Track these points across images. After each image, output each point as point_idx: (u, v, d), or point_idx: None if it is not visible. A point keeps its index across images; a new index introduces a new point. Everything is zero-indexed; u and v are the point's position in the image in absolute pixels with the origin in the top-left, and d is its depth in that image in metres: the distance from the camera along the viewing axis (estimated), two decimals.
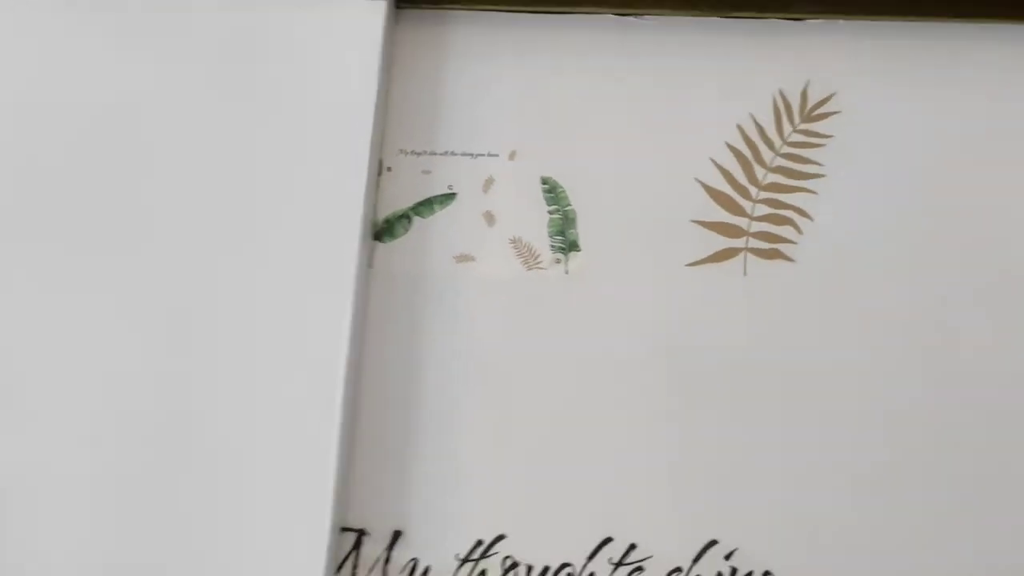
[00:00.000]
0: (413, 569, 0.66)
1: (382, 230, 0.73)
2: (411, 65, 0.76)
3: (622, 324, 0.69)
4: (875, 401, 0.67)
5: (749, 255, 0.71)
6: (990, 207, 0.70)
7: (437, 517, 0.66)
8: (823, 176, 0.72)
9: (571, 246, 0.72)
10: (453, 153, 0.74)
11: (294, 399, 0.65)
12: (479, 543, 0.67)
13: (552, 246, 0.72)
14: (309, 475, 0.64)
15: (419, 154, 0.74)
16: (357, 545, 0.67)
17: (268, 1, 0.73)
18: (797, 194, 0.72)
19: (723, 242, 0.71)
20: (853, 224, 0.71)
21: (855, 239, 0.70)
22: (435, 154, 0.74)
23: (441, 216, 0.73)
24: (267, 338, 0.67)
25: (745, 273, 0.70)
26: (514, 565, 0.66)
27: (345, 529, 0.67)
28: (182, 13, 0.73)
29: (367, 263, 0.71)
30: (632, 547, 0.66)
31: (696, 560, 0.65)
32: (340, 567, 0.66)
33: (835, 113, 0.74)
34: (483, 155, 0.74)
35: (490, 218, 0.73)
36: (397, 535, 0.67)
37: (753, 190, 0.72)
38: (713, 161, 0.73)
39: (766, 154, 0.73)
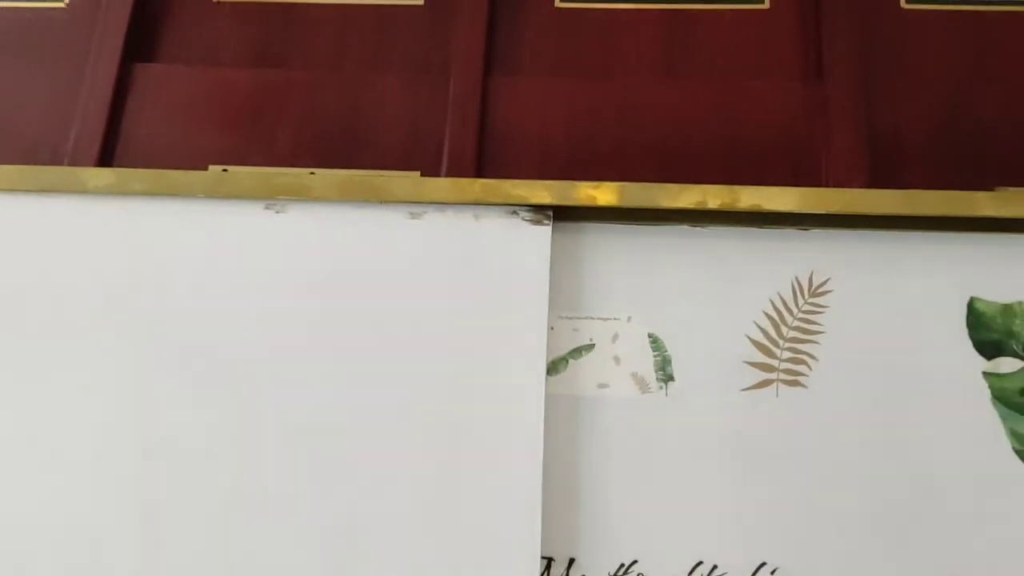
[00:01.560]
0: None
1: (550, 368, 1.17)
2: (565, 260, 1.20)
3: (703, 429, 1.13)
4: (875, 488, 1.11)
5: (780, 384, 1.15)
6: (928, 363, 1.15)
7: (598, 547, 1.10)
8: (824, 332, 1.17)
9: (668, 378, 1.16)
10: (591, 317, 1.19)
11: (505, 465, 1.08)
12: (621, 565, 1.10)
13: (657, 378, 1.16)
14: (517, 517, 1.07)
15: (571, 318, 1.19)
16: (547, 568, 1.10)
17: (484, 227, 1.18)
18: (808, 344, 1.17)
19: (762, 375, 1.16)
20: (846, 364, 1.15)
21: (848, 375, 1.15)
22: (580, 318, 1.19)
23: (586, 359, 1.17)
24: (487, 433, 1.10)
25: (777, 395, 1.15)
26: None
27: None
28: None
29: (544, 389, 1.15)
30: None
31: None
32: None
33: (830, 292, 1.19)
34: (611, 318, 1.19)
35: (617, 360, 1.17)
36: (571, 561, 1.10)
37: (780, 341, 1.17)
38: (755, 323, 1.18)
39: (787, 318, 1.18)
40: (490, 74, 1.32)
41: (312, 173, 1.27)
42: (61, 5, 1.41)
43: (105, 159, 1.28)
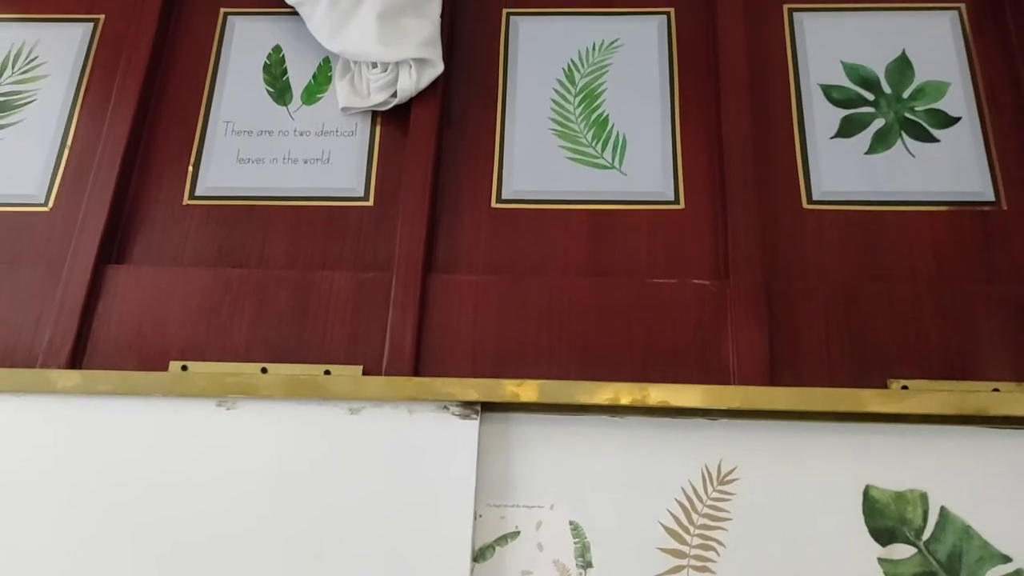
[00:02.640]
0: None
1: (477, 555, 1.25)
2: (493, 450, 1.30)
3: None
4: None
5: (690, 570, 1.24)
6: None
7: None
8: (731, 519, 1.26)
9: (587, 564, 1.25)
10: (517, 505, 1.28)
11: None
12: None
13: (576, 564, 1.25)
14: None
15: (498, 506, 1.28)
16: None
17: (417, 421, 1.29)
18: (716, 531, 1.26)
19: (674, 561, 1.24)
20: (752, 551, 1.24)
21: (754, 561, 1.23)
22: (507, 506, 1.28)
23: (512, 546, 1.26)
24: None
25: None
26: None
27: None
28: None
29: None
30: None
31: None
32: None
33: (737, 479, 1.28)
34: (535, 506, 1.28)
35: (540, 547, 1.26)
36: None
37: (691, 528, 1.26)
38: (668, 510, 1.27)
39: (697, 506, 1.27)
40: (430, 272, 1.45)
41: (264, 369, 1.38)
42: (45, 209, 1.55)
43: (76, 359, 1.39)
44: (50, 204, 1.56)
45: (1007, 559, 1.21)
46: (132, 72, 1.64)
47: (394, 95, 1.58)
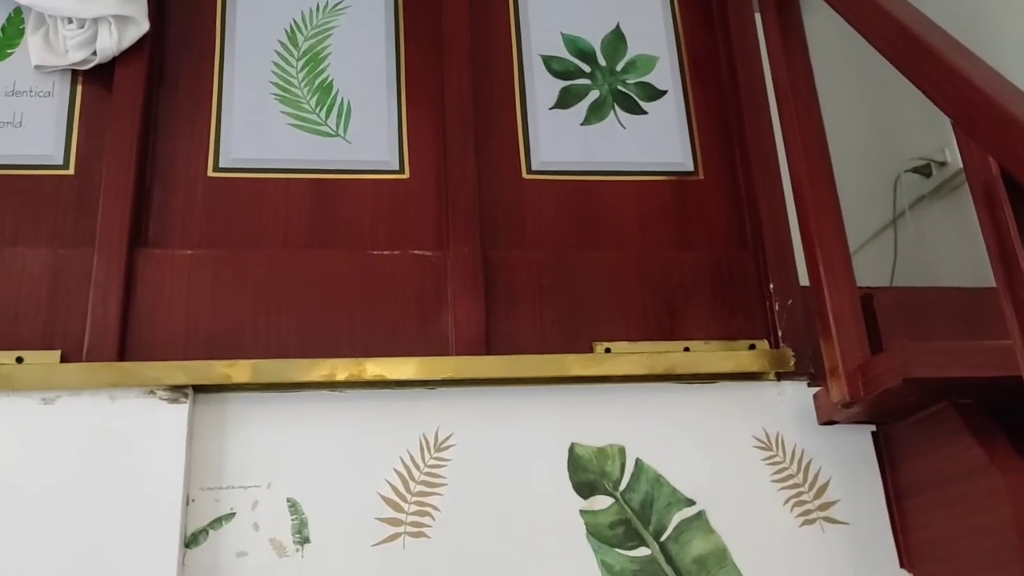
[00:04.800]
0: None
1: (189, 540, 1.23)
2: (208, 433, 1.27)
3: None
4: None
5: (406, 536, 1.28)
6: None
7: None
8: (447, 484, 1.31)
9: (305, 540, 1.25)
10: (232, 487, 1.26)
11: None
12: None
13: (293, 540, 1.25)
14: None
15: (212, 489, 1.26)
16: None
17: (119, 409, 1.23)
18: (432, 496, 1.30)
19: (391, 529, 1.28)
20: (466, 513, 1.29)
21: (468, 523, 1.29)
22: (222, 488, 1.26)
23: (226, 528, 1.24)
24: None
25: (404, 548, 1.27)
26: None
27: None
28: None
29: (182, 563, 1.20)
30: None
31: None
32: None
33: (453, 446, 1.33)
34: (252, 486, 1.27)
35: (256, 527, 1.25)
36: None
37: (408, 496, 1.30)
38: (386, 480, 1.30)
39: (415, 474, 1.31)
40: (138, 247, 1.37)
41: None
42: None
43: None
44: None
45: (691, 502, 1.34)
46: None
47: (94, 54, 1.46)
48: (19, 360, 1.27)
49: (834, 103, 1.69)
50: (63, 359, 1.29)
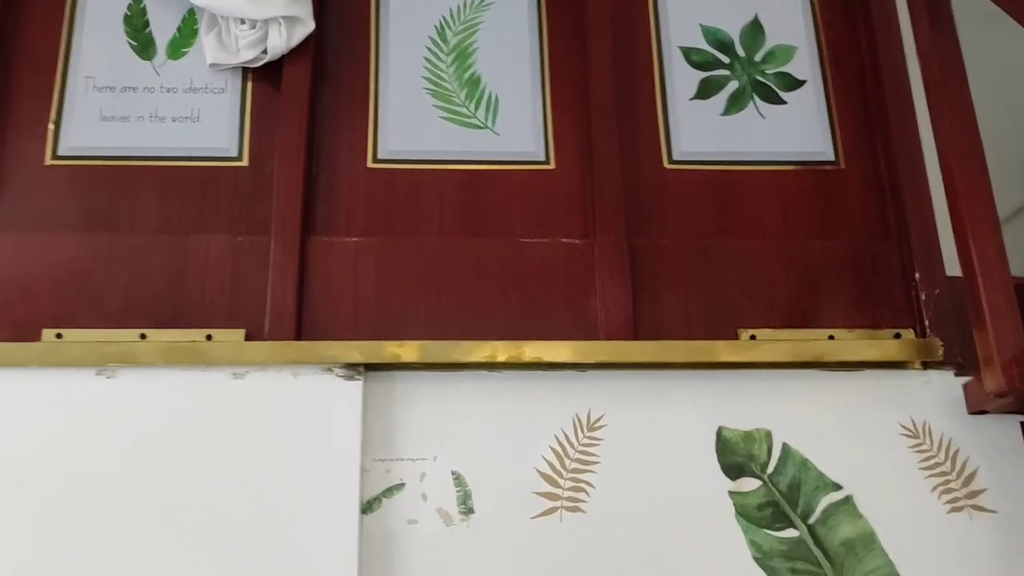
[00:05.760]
0: None
1: (365, 507, 1.32)
2: (378, 407, 1.36)
3: (500, 555, 1.31)
4: None
5: (563, 511, 1.35)
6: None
7: None
8: (600, 462, 1.37)
9: (469, 511, 1.33)
10: (402, 459, 1.35)
11: None
12: None
13: (459, 511, 1.33)
14: None
15: (384, 460, 1.35)
16: None
17: (301, 384, 1.32)
18: (587, 473, 1.37)
19: (548, 503, 1.35)
20: (618, 490, 1.36)
21: (620, 499, 1.35)
22: (392, 460, 1.35)
23: (397, 497, 1.33)
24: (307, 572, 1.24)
25: (561, 521, 1.34)
26: None
27: None
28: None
29: (360, 528, 1.30)
30: None
31: None
32: None
33: (605, 426, 1.39)
34: (419, 459, 1.35)
35: (424, 497, 1.34)
36: None
37: (564, 472, 1.37)
38: (543, 457, 1.37)
39: (569, 451, 1.38)
40: (309, 234, 1.47)
41: (143, 335, 1.38)
42: None
43: None
44: None
45: (838, 487, 1.37)
46: None
47: (264, 52, 1.56)
48: (208, 338, 1.39)
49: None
50: (247, 337, 1.39)
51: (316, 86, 1.59)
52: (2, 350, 1.31)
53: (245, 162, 1.54)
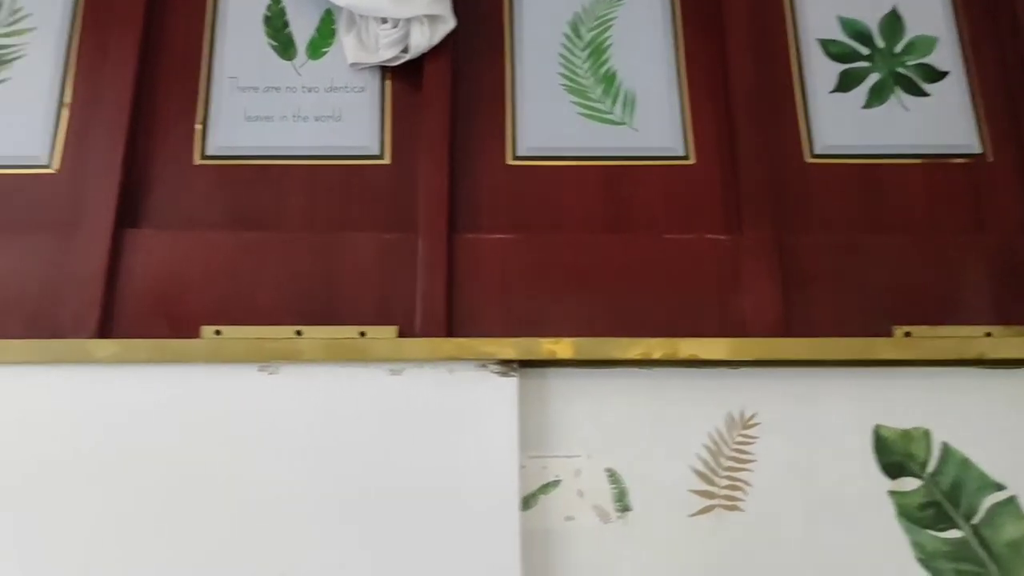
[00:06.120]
0: None
1: (522, 504, 1.32)
2: (531, 404, 1.36)
3: (658, 554, 1.30)
4: None
5: (720, 509, 1.34)
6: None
7: None
8: (755, 460, 1.36)
9: (626, 508, 1.33)
10: (556, 456, 1.35)
11: None
12: None
13: (615, 509, 1.33)
14: None
15: (539, 457, 1.35)
16: None
17: (457, 380, 1.33)
18: (742, 472, 1.36)
19: (705, 501, 1.34)
20: (775, 488, 1.34)
21: (777, 497, 1.33)
22: (547, 456, 1.35)
23: (554, 494, 1.34)
24: (469, 568, 1.25)
25: (718, 519, 1.33)
26: None
27: None
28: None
29: (519, 524, 1.30)
30: None
31: None
32: None
33: (758, 424, 1.38)
34: (574, 456, 1.35)
35: (580, 494, 1.34)
36: None
37: (719, 470, 1.35)
38: (696, 455, 1.36)
39: (724, 449, 1.36)
40: (454, 232, 1.48)
41: (298, 332, 1.40)
42: (50, 171, 1.51)
43: (104, 327, 1.38)
44: (55, 166, 1.52)
45: (1001, 487, 1.34)
46: (127, 25, 1.59)
47: (404, 51, 1.57)
48: (362, 334, 1.40)
49: None
50: (400, 334, 1.40)
51: (455, 83, 1.59)
52: (167, 346, 1.34)
53: (387, 160, 1.56)
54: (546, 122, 1.60)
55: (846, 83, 1.63)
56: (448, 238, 1.47)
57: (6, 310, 1.40)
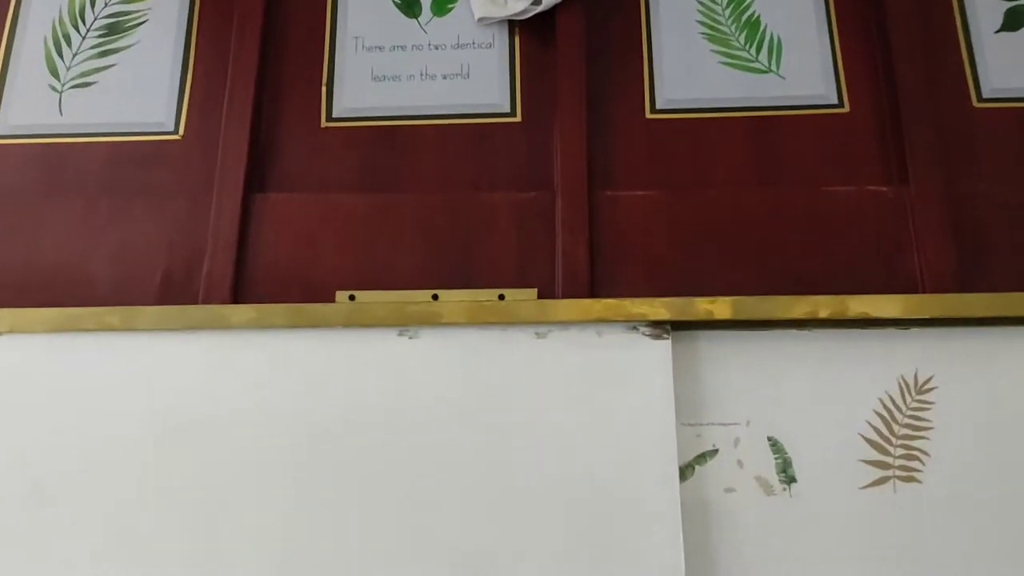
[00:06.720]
0: None
1: (678, 474, 1.24)
2: (683, 368, 1.27)
3: (829, 529, 1.20)
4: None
5: (896, 480, 1.22)
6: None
7: None
8: (933, 428, 1.24)
9: (791, 480, 1.23)
10: (712, 423, 1.26)
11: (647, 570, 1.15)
12: None
13: (779, 480, 1.23)
14: None
15: (693, 425, 1.26)
16: None
17: (606, 343, 1.25)
18: (919, 440, 1.24)
19: (879, 472, 1.23)
20: (957, 458, 1.23)
21: (960, 468, 1.22)
22: (702, 424, 1.26)
23: (711, 464, 1.24)
24: (627, 539, 1.17)
25: (895, 492, 1.22)
26: None
27: None
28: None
29: (679, 495, 1.21)
30: None
31: None
32: None
33: (935, 388, 1.26)
34: (731, 423, 1.26)
35: (740, 464, 1.24)
36: None
37: (893, 439, 1.24)
38: (867, 422, 1.25)
39: (897, 416, 1.25)
40: (593, 189, 1.40)
41: (435, 295, 1.34)
42: (176, 137, 1.49)
43: (237, 292, 1.35)
44: (181, 132, 1.49)
45: None
46: None
47: (534, 3, 1.49)
48: (501, 297, 1.33)
49: None
50: (540, 296, 1.33)
51: (588, 35, 1.51)
52: (304, 311, 1.29)
53: (518, 117, 1.49)
54: (686, 73, 1.50)
55: (1013, 22, 1.49)
56: (588, 196, 1.38)
57: (138, 277, 1.38)
